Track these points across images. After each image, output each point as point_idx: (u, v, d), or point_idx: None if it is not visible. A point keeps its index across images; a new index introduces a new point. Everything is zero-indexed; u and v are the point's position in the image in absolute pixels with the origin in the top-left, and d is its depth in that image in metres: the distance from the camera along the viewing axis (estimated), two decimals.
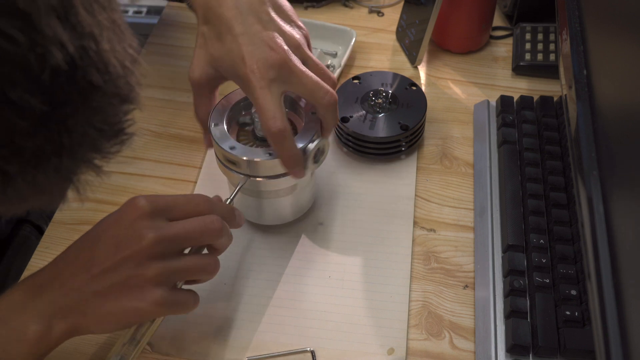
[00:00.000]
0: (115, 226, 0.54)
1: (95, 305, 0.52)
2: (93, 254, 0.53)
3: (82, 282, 0.52)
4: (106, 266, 0.52)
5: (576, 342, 0.60)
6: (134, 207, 0.54)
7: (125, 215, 0.54)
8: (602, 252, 0.48)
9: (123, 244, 0.53)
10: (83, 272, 0.53)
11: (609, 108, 0.55)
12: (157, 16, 1.15)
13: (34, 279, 0.54)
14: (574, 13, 0.64)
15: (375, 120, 0.77)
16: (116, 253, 0.52)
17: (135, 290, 0.52)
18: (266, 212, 0.70)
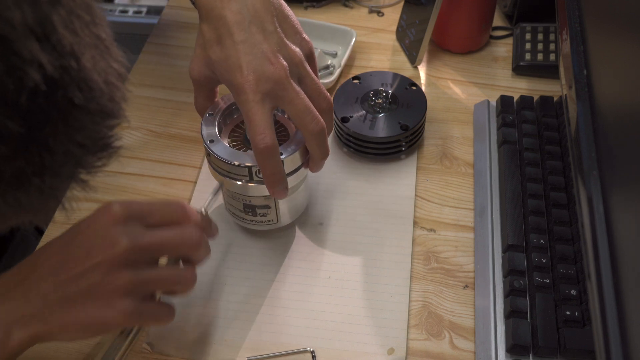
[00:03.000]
0: (87, 231, 0.51)
1: (59, 313, 0.49)
2: (62, 258, 0.51)
3: (48, 287, 0.50)
4: (75, 272, 0.50)
5: (576, 342, 0.60)
6: (108, 212, 0.51)
7: (98, 220, 0.51)
8: (602, 252, 0.47)
9: (94, 250, 0.50)
10: (50, 277, 0.50)
11: (609, 108, 0.55)
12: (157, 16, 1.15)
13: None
14: (574, 13, 0.64)
15: (375, 120, 0.77)
16: (86, 259, 0.50)
17: (102, 299, 0.49)
18: (257, 217, 0.68)
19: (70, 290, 0.49)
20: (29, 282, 0.50)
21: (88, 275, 0.49)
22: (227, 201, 0.68)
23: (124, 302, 0.50)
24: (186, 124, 0.84)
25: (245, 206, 0.66)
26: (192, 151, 0.81)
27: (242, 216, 0.68)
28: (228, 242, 0.72)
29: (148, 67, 0.92)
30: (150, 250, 0.51)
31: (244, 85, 0.56)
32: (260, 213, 0.67)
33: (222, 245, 0.71)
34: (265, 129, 0.56)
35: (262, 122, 0.56)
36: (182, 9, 1.01)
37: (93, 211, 0.52)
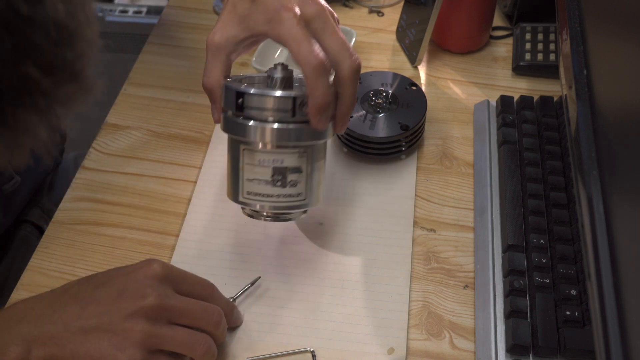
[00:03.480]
0: (125, 277, 0.56)
1: (76, 341, 0.52)
2: (93, 293, 0.55)
3: (72, 315, 0.53)
4: (101, 309, 0.54)
5: (576, 342, 0.60)
6: (148, 267, 0.56)
7: (138, 271, 0.56)
8: (602, 252, 0.47)
9: (125, 295, 0.54)
10: (77, 306, 0.54)
11: (609, 108, 0.55)
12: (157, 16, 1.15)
13: (25, 303, 0.55)
14: (574, 13, 0.63)
15: (375, 120, 0.77)
16: (115, 300, 0.54)
17: (117, 340, 0.53)
18: (286, 189, 0.62)
19: (92, 322, 0.53)
20: (56, 305, 0.54)
21: (111, 314, 0.53)
22: (248, 180, 0.61)
23: (135, 351, 0.53)
24: (186, 124, 0.84)
25: (275, 171, 0.60)
26: (192, 151, 0.81)
27: (268, 192, 0.61)
28: (228, 243, 0.72)
29: (148, 67, 0.92)
30: (173, 312, 0.55)
31: (289, 6, 0.54)
32: (290, 182, 0.60)
33: (221, 245, 0.71)
34: (315, 46, 0.54)
35: (310, 40, 0.54)
36: (182, 9, 1.01)
37: (137, 262, 0.57)
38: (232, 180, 0.63)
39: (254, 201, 0.62)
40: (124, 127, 0.85)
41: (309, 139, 0.60)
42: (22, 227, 0.83)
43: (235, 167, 0.62)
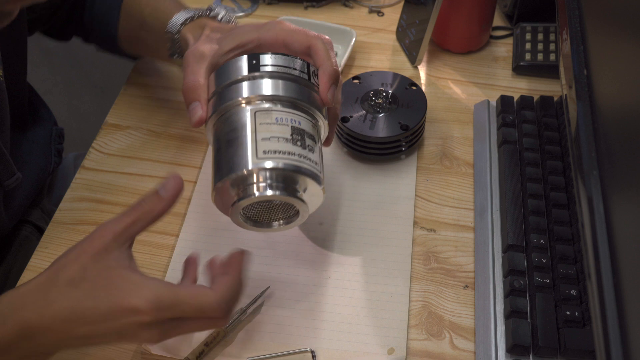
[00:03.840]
0: (112, 326, 0.51)
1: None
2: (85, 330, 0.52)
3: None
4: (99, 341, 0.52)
5: (576, 342, 0.60)
6: (133, 315, 0.51)
7: (122, 321, 0.51)
8: (603, 252, 0.47)
9: (123, 338, 0.52)
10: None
11: (609, 108, 0.55)
12: None
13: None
14: (574, 13, 0.63)
15: (375, 120, 0.77)
16: (115, 338, 0.52)
17: (127, 338, 0.52)
18: (306, 151, 0.56)
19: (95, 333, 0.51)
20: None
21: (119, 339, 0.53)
22: (263, 140, 0.55)
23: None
24: (186, 124, 0.84)
25: (293, 130, 0.55)
26: (192, 151, 0.81)
27: (289, 149, 0.55)
28: (228, 243, 0.72)
29: (148, 66, 0.92)
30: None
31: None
32: (309, 145, 0.56)
33: (221, 245, 0.71)
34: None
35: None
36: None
37: (114, 306, 0.51)
38: (233, 153, 0.55)
39: (274, 159, 0.54)
40: (124, 127, 0.85)
41: (319, 109, 0.59)
42: (22, 227, 0.83)
43: (239, 137, 0.55)
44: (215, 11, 0.69)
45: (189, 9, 0.70)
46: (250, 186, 0.55)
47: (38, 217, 0.85)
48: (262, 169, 0.54)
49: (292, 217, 0.60)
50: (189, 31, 0.66)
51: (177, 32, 0.67)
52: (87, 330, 0.51)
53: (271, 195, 0.55)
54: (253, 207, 0.59)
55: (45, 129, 0.87)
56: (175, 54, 0.69)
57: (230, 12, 0.99)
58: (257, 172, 0.55)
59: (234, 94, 0.57)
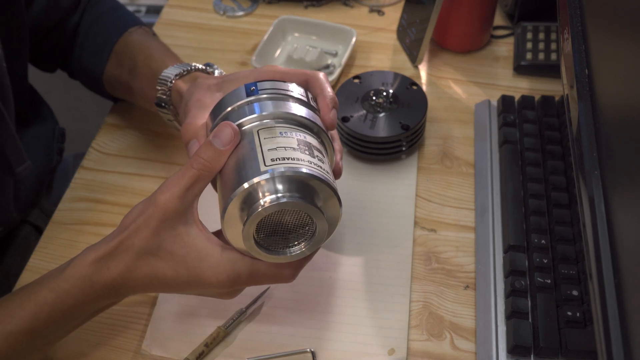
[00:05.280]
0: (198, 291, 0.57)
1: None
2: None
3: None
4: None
5: (578, 343, 0.60)
6: (214, 283, 0.54)
7: (207, 288, 0.55)
8: (604, 252, 0.47)
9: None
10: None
11: (611, 108, 0.55)
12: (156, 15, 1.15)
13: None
14: (576, 12, 0.63)
15: (375, 120, 0.77)
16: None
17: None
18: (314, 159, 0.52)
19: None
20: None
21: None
22: (269, 150, 0.51)
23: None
24: None
25: (299, 142, 0.52)
26: None
27: (296, 156, 0.51)
28: None
29: None
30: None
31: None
32: (317, 155, 0.53)
33: None
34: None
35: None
36: (181, 8, 1.01)
37: (202, 273, 0.54)
38: (238, 171, 0.51)
39: (280, 165, 0.49)
40: (123, 127, 0.84)
41: (322, 130, 0.56)
42: (21, 227, 0.83)
43: (243, 155, 0.52)
44: (211, 67, 0.70)
45: (183, 63, 0.70)
46: (258, 200, 0.49)
47: (37, 216, 0.85)
48: (270, 178, 0.49)
49: (311, 238, 0.53)
50: (183, 82, 0.67)
51: (171, 81, 0.67)
52: (168, 289, 0.55)
53: (281, 202, 0.49)
54: (266, 229, 0.52)
55: (48, 127, 0.87)
56: (162, 103, 0.68)
57: (229, 12, 0.99)
58: (265, 182, 0.49)
59: (234, 119, 0.54)
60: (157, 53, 0.74)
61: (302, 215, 0.51)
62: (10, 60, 0.71)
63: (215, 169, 0.52)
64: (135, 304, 0.67)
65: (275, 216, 0.51)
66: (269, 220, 0.51)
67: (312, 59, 0.89)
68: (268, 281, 0.55)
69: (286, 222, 0.52)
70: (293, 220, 0.52)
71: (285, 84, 0.57)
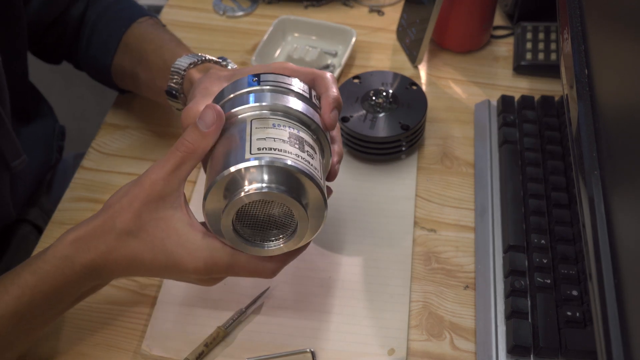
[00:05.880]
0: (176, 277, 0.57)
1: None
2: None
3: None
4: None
5: (577, 343, 0.60)
6: (193, 269, 0.54)
7: (185, 274, 0.55)
8: (604, 253, 0.47)
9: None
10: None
11: (611, 108, 0.55)
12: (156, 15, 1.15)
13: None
14: (575, 12, 0.63)
15: (375, 120, 0.77)
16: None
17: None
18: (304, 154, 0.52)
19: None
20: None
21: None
22: (258, 139, 0.51)
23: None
24: None
25: (291, 135, 0.52)
26: None
27: (284, 148, 0.51)
28: None
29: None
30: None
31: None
32: (307, 151, 0.53)
33: None
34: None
35: None
36: (181, 8, 1.01)
37: (178, 257, 0.54)
38: (224, 156, 0.51)
39: (266, 155, 0.49)
40: (123, 127, 0.84)
41: (320, 128, 0.55)
42: (20, 226, 0.83)
43: (232, 142, 0.52)
44: (224, 61, 0.70)
45: (195, 53, 0.69)
46: (240, 187, 0.50)
47: (36, 215, 0.85)
48: (254, 166, 0.49)
49: (291, 235, 0.53)
50: (196, 71, 0.67)
51: (184, 70, 0.67)
52: (147, 273, 0.55)
53: (263, 191, 0.49)
54: (246, 219, 0.52)
55: (48, 125, 0.87)
56: (174, 91, 0.67)
57: (229, 12, 0.99)
58: (249, 169, 0.49)
59: (231, 107, 0.54)
60: (169, 43, 0.74)
61: (285, 209, 0.51)
62: (9, 61, 0.71)
63: (199, 152, 0.52)
64: (135, 304, 0.67)
65: (258, 206, 0.51)
66: (250, 209, 0.51)
67: (312, 59, 0.89)
68: (247, 274, 0.55)
69: (268, 215, 0.52)
70: (275, 214, 0.52)
71: (288, 78, 0.57)
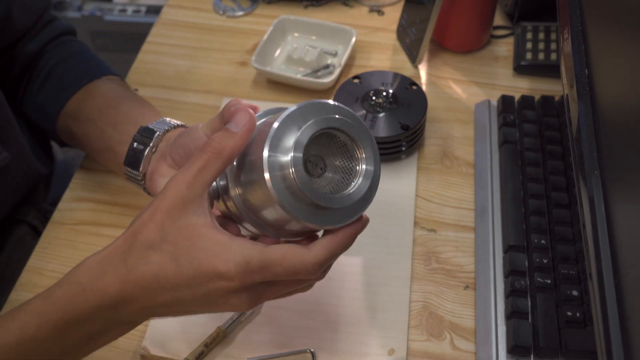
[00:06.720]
0: (201, 299, 0.48)
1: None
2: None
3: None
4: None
5: (577, 343, 0.60)
6: (220, 281, 0.47)
7: (210, 289, 0.48)
8: (604, 253, 0.47)
9: (214, 307, 0.49)
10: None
11: (611, 108, 0.55)
12: (156, 15, 1.15)
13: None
14: (575, 12, 0.63)
15: (375, 120, 0.77)
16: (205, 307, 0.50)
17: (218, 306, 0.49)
18: None
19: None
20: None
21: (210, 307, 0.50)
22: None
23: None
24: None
25: None
26: None
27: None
28: None
29: (147, 66, 0.92)
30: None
31: None
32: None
33: None
34: None
35: None
36: (181, 8, 1.01)
37: (198, 272, 0.47)
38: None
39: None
40: None
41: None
42: (17, 226, 0.83)
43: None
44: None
45: (164, 119, 0.66)
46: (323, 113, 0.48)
47: (33, 216, 0.85)
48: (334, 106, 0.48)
49: (346, 181, 0.51)
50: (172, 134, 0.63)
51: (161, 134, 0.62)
52: (171, 297, 0.47)
53: (346, 121, 0.48)
54: (318, 144, 0.49)
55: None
56: (140, 149, 0.62)
57: (229, 12, 0.99)
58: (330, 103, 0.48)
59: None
60: (143, 105, 0.71)
61: (348, 155, 0.50)
62: None
63: (226, 152, 0.47)
64: None
65: (326, 144, 0.49)
66: (318, 144, 0.48)
67: (312, 59, 0.89)
68: (286, 273, 0.47)
69: (330, 159, 0.50)
70: (337, 159, 0.50)
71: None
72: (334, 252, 0.49)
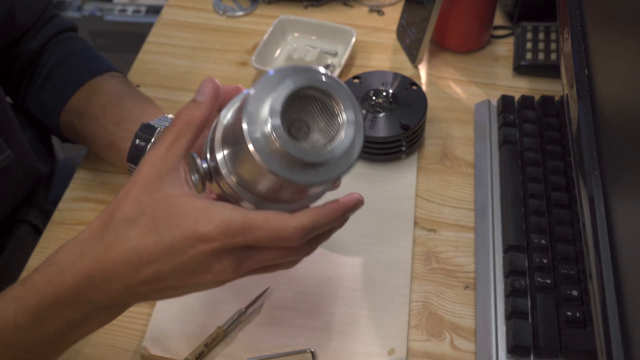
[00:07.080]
0: (180, 265, 0.47)
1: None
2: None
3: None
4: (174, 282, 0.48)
5: (577, 343, 0.60)
6: (201, 245, 0.46)
7: (187, 255, 0.47)
8: (604, 253, 0.47)
9: (194, 277, 0.48)
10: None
11: (611, 108, 0.55)
12: (156, 15, 1.15)
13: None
14: (575, 12, 0.63)
15: (375, 120, 0.77)
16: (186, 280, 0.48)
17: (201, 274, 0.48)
18: None
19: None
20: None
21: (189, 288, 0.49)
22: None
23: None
24: None
25: None
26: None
27: None
28: None
29: (147, 66, 0.92)
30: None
31: None
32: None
33: None
34: None
35: None
36: (181, 8, 1.01)
37: (175, 237, 0.46)
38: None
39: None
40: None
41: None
42: (18, 226, 0.83)
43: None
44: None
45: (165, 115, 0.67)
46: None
47: (34, 216, 0.85)
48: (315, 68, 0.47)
49: (331, 141, 0.48)
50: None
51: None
52: (153, 271, 0.46)
53: (319, 79, 0.47)
54: (295, 107, 0.48)
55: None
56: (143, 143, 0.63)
57: (229, 12, 0.99)
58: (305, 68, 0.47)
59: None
60: (143, 101, 0.72)
61: (328, 112, 0.48)
62: None
63: (195, 122, 0.48)
64: (135, 304, 0.67)
65: (305, 107, 0.48)
66: (297, 109, 0.47)
67: (312, 59, 0.89)
68: (267, 237, 0.46)
69: (312, 120, 0.48)
70: (320, 120, 0.48)
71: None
72: (317, 221, 0.48)
